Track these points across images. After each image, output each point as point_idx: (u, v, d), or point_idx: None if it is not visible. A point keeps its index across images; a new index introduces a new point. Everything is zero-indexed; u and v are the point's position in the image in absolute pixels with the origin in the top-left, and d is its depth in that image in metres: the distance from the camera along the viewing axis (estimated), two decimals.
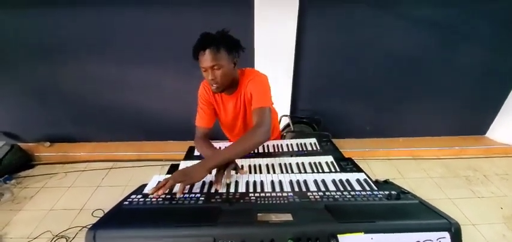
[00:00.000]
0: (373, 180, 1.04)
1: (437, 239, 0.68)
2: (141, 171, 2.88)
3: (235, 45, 1.23)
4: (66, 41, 2.70)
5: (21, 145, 3.08)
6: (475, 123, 3.33)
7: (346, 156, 1.43)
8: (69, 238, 2.08)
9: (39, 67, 2.85)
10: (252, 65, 2.67)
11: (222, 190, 0.95)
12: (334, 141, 1.65)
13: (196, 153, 1.57)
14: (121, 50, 2.76)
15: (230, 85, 1.32)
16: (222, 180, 1.00)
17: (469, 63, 2.87)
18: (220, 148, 1.46)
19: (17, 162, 2.92)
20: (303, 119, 2.86)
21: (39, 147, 3.21)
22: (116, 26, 2.65)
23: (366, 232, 0.68)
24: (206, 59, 1.16)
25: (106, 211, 0.78)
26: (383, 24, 2.65)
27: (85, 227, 2.14)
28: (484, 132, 3.37)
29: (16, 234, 2.15)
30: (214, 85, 1.23)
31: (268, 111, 1.24)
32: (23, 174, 2.92)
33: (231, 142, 1.68)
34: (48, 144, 3.24)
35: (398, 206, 0.81)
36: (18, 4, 2.52)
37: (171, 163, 1.42)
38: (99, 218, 0.73)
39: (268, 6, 2.44)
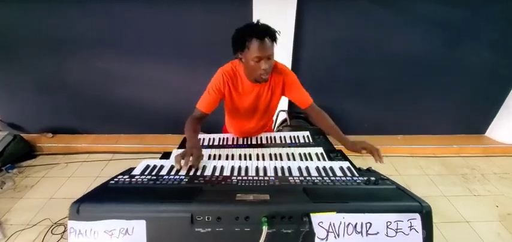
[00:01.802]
0: (357, 167, 1.06)
1: (407, 220, 0.70)
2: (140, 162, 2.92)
3: (276, 38, 1.27)
4: (70, 34, 2.74)
5: (24, 135, 3.14)
6: (475, 122, 3.32)
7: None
8: (67, 225, 2.13)
9: (43, 60, 2.90)
10: None
11: (208, 172, 0.98)
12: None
13: None
14: (124, 44, 2.80)
15: None
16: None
17: (469, 62, 2.85)
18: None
19: (19, 152, 2.98)
20: (301, 114, 2.87)
21: (42, 137, 3.28)
22: (119, 21, 2.68)
23: (338, 211, 0.70)
24: (266, 47, 1.20)
25: None
26: (383, 21, 2.64)
27: None
28: (484, 132, 3.35)
29: (16, 221, 2.21)
30: (266, 75, 1.28)
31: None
32: (24, 163, 2.98)
33: (227, 134, 1.71)
34: (50, 135, 3.30)
35: (375, 190, 0.83)
36: None
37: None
38: None
39: (266, 1, 2.46)
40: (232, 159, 1.28)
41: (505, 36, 2.70)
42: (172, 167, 1.04)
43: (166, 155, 1.38)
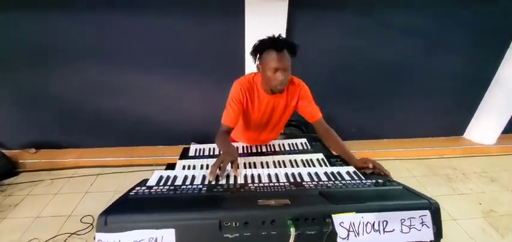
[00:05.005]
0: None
1: (419, 216, 0.76)
2: (131, 176, 2.85)
3: (296, 52, 1.31)
4: (53, 46, 2.67)
5: (5, 152, 2.98)
6: (453, 125, 3.55)
7: None
8: None
9: (25, 73, 2.79)
10: (243, 69, 2.73)
11: (222, 181, 1.00)
12: None
13: (191, 153, 1.62)
14: (110, 55, 2.76)
15: None
16: (223, 173, 1.06)
17: (447, 68, 3.08)
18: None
19: (0, 170, 2.83)
20: (292, 122, 2.94)
21: (24, 153, 3.12)
22: (105, 32, 2.65)
23: (357, 211, 0.75)
24: (284, 58, 1.25)
25: (96, 217, 0.80)
26: (367, 30, 2.80)
27: (74, 233, 2.11)
28: (462, 133, 3.58)
29: None
30: (282, 85, 1.32)
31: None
32: (7, 181, 2.82)
33: (238, 143, 1.73)
34: (33, 150, 3.16)
35: (385, 191, 0.89)
36: (5, 8, 2.48)
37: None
38: (89, 224, 0.75)
39: (258, 12, 2.53)
40: (238, 167, 1.30)
41: (478, 44, 2.94)
42: (186, 177, 1.05)
43: (171, 166, 1.37)
